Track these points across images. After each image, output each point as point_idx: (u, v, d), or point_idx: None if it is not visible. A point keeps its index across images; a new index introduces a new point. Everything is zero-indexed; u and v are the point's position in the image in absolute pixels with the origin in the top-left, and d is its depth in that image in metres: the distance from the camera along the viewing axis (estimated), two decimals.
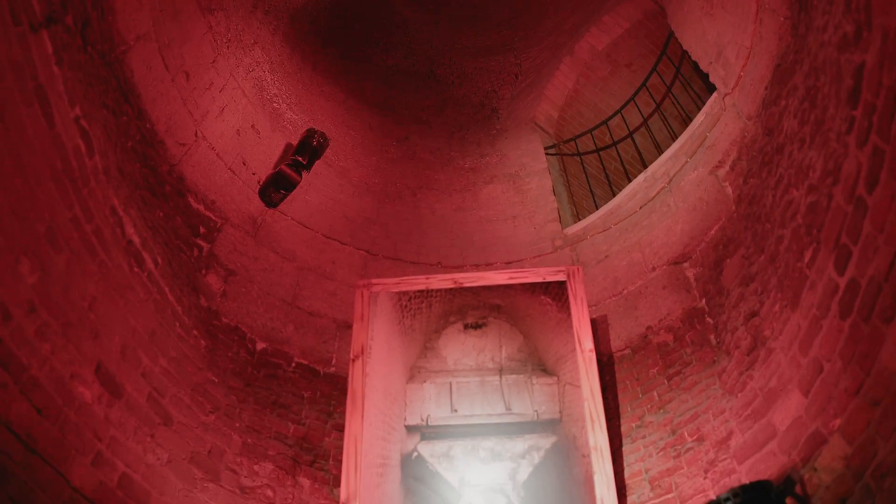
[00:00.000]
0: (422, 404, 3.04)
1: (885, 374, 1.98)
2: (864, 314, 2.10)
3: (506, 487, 2.81)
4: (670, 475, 2.84)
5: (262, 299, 3.74)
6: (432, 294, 3.37)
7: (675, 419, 3.03)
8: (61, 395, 2.26)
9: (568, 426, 2.93)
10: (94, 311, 2.50)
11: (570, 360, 3.07)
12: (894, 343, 1.94)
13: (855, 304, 2.15)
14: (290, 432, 3.23)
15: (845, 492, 2.14)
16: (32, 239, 2.24)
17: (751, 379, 2.75)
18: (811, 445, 2.33)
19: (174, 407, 2.82)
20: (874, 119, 2.01)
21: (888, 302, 1.98)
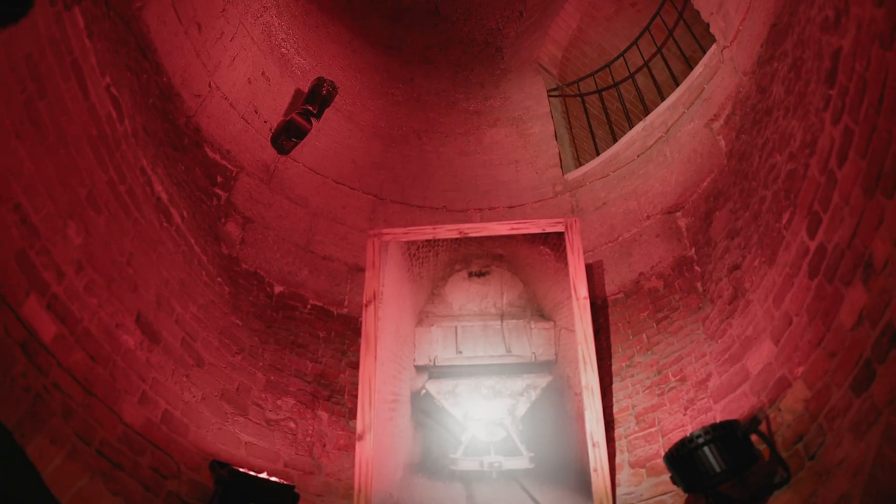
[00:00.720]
0: (429, 346, 3.35)
1: (842, 330, 2.26)
2: (829, 276, 2.36)
3: (505, 421, 3.15)
4: (654, 411, 3.18)
5: (277, 245, 4.01)
6: (439, 243, 3.63)
7: (661, 360, 3.34)
8: (109, 343, 2.56)
9: (562, 367, 3.24)
10: (131, 266, 2.77)
11: (566, 306, 3.36)
12: (851, 304, 2.22)
13: (822, 267, 2.41)
14: (309, 370, 3.56)
15: (802, 430, 2.46)
16: (76, 203, 2.48)
17: (730, 326, 3.04)
18: (777, 389, 2.64)
19: (205, 349, 3.13)
20: (847, 101, 2.21)
21: (848, 267, 2.23)
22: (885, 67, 1.96)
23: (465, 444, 3.12)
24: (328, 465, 3.24)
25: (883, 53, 1.96)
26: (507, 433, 3.11)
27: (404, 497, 3.00)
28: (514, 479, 3.01)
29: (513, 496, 2.96)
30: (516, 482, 3.00)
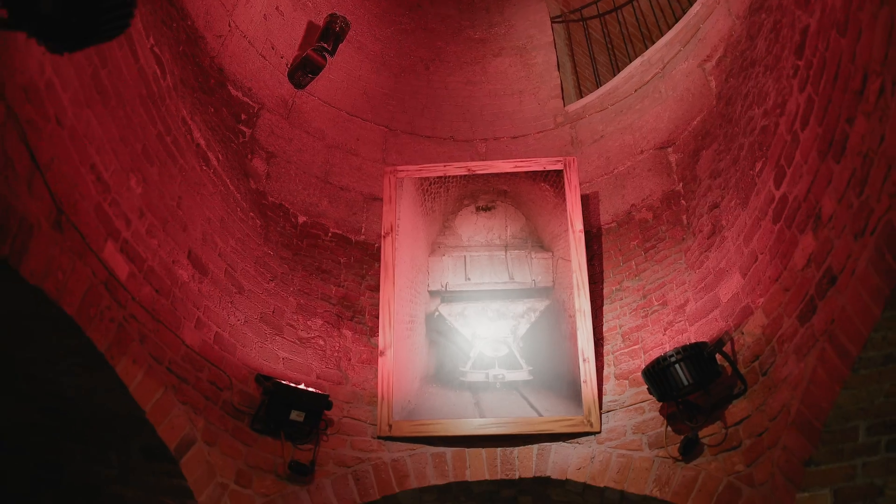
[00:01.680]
0: (441, 274, 3.81)
1: (795, 270, 2.71)
2: (788, 223, 2.78)
3: (508, 339, 3.66)
4: (638, 331, 3.68)
5: (299, 178, 4.40)
6: (449, 180, 4.02)
7: (647, 286, 3.81)
8: (168, 278, 3.01)
9: (559, 292, 3.72)
10: (181, 209, 3.19)
11: (563, 238, 3.79)
12: (802, 248, 2.65)
13: (783, 214, 2.83)
14: (333, 293, 4.04)
15: (759, 351, 2.96)
16: (135, 158, 2.87)
17: (707, 259, 3.49)
18: (742, 316, 3.12)
19: (244, 278, 3.59)
20: (810, 73, 2.56)
21: (803, 217, 2.65)
22: (840, 51, 2.30)
23: (473, 359, 3.64)
24: (354, 376, 3.77)
25: (839, 39, 2.30)
26: (510, 350, 3.63)
27: (420, 404, 3.56)
28: (514, 388, 3.55)
29: (514, 403, 3.51)
30: (517, 391, 3.54)
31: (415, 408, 3.55)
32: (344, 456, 3.46)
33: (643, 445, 3.31)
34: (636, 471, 3.26)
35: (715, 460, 3.06)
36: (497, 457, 3.50)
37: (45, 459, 2.91)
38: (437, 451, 3.52)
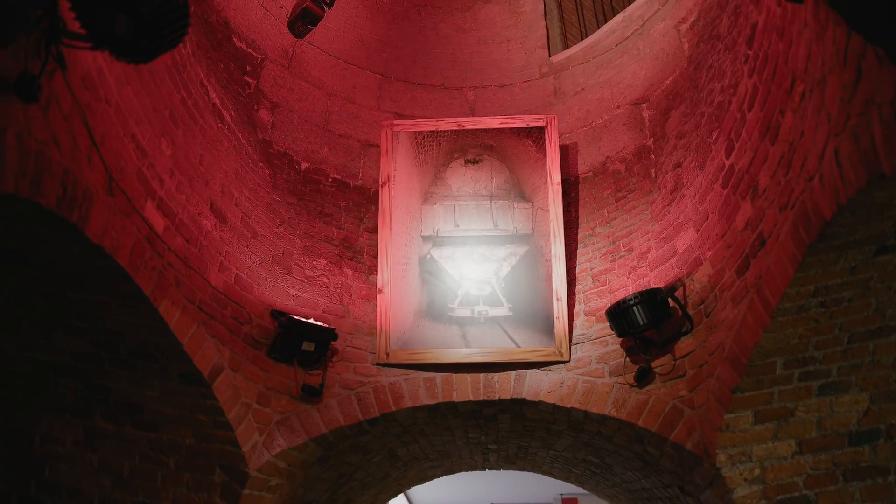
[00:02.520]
0: (433, 220, 4.29)
1: (736, 230, 3.23)
2: (734, 189, 3.28)
3: (491, 280, 4.19)
4: (606, 274, 4.22)
5: (301, 126, 4.79)
6: (441, 134, 4.44)
7: (616, 233, 4.33)
8: (195, 228, 3.48)
9: (537, 239, 4.23)
10: (202, 165, 3.62)
11: (542, 190, 4.26)
12: (743, 213, 3.16)
13: (730, 181, 3.32)
14: (335, 235, 4.52)
15: (705, 296, 3.52)
16: (164, 123, 3.28)
17: (668, 212, 4.00)
18: (693, 265, 3.66)
19: (257, 224, 4.06)
20: (757, 63, 3.00)
21: (744, 187, 3.15)
22: (778, 53, 2.74)
23: (460, 297, 4.18)
24: (355, 310, 4.31)
25: (778, 41, 2.74)
26: (493, 289, 4.17)
27: (414, 335, 4.12)
28: (496, 323, 4.11)
29: (495, 335, 4.08)
30: (498, 325, 4.10)
31: (409, 339, 4.11)
32: (348, 380, 4.04)
33: (605, 373, 3.91)
34: (598, 394, 3.87)
35: (664, 386, 3.68)
36: (480, 381, 4.10)
37: (95, 383, 3.45)
38: (429, 376, 4.11)
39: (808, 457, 3.22)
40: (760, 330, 2.95)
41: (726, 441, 3.27)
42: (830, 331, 2.95)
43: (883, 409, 3.14)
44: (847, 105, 2.10)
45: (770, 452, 3.24)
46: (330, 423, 3.89)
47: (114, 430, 3.54)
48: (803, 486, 3.22)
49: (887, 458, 3.16)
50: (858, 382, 3.11)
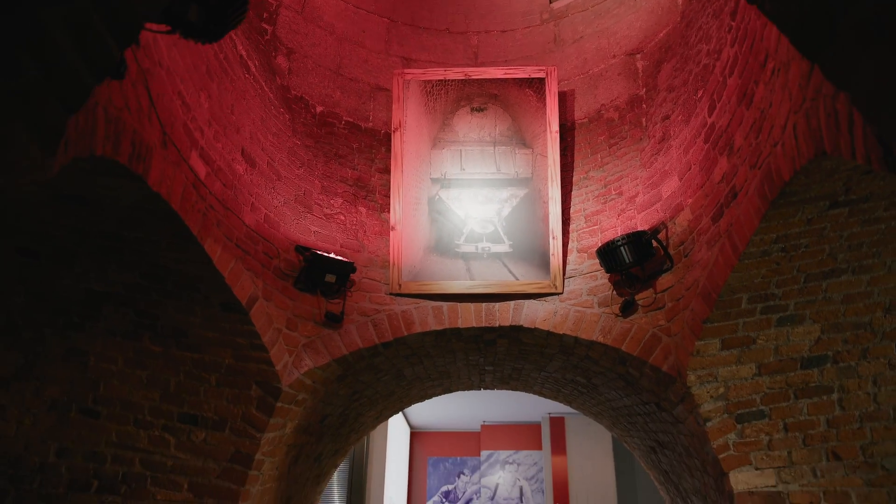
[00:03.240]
0: (441, 164, 4.72)
1: (713, 182, 3.69)
2: (713, 145, 3.72)
3: (494, 219, 4.66)
4: (597, 215, 4.69)
5: (315, 71, 5.13)
6: (448, 83, 4.80)
7: (608, 177, 4.78)
8: (230, 173, 3.90)
9: (536, 182, 4.67)
10: (234, 114, 4.00)
11: (541, 137, 4.68)
12: (720, 167, 3.61)
13: (711, 137, 3.76)
14: (349, 176, 4.94)
15: (684, 238, 4.01)
16: (202, 78, 3.65)
17: (656, 161, 4.44)
18: (675, 210, 4.13)
19: (280, 167, 4.47)
20: (738, 35, 3.39)
21: (722, 144, 3.59)
22: (755, 29, 3.13)
23: (466, 234, 4.66)
24: (369, 245, 4.78)
25: (756, 19, 3.13)
26: (495, 227, 4.64)
27: (423, 268, 4.61)
28: (498, 258, 4.60)
29: (496, 269, 4.58)
30: (499, 260, 4.60)
31: (419, 271, 4.60)
32: (365, 308, 4.55)
33: (594, 304, 4.44)
34: (587, 322, 4.41)
35: (645, 317, 4.21)
36: (482, 310, 4.62)
37: (144, 310, 3.94)
38: (436, 305, 4.63)
39: (765, 378, 3.79)
40: (729, 270, 3.46)
41: (696, 364, 3.83)
42: (789, 272, 3.46)
43: (831, 338, 3.70)
44: (804, 90, 2.54)
45: (733, 374, 3.81)
46: (349, 345, 4.43)
47: (161, 351, 4.05)
48: (760, 403, 3.81)
49: (832, 379, 3.74)
50: (811, 316, 3.65)
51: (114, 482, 4.04)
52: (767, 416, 3.80)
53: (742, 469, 3.79)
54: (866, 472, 3.67)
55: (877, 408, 3.70)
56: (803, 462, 3.75)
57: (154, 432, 4.09)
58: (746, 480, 3.77)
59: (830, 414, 3.74)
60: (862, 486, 3.66)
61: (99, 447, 4.08)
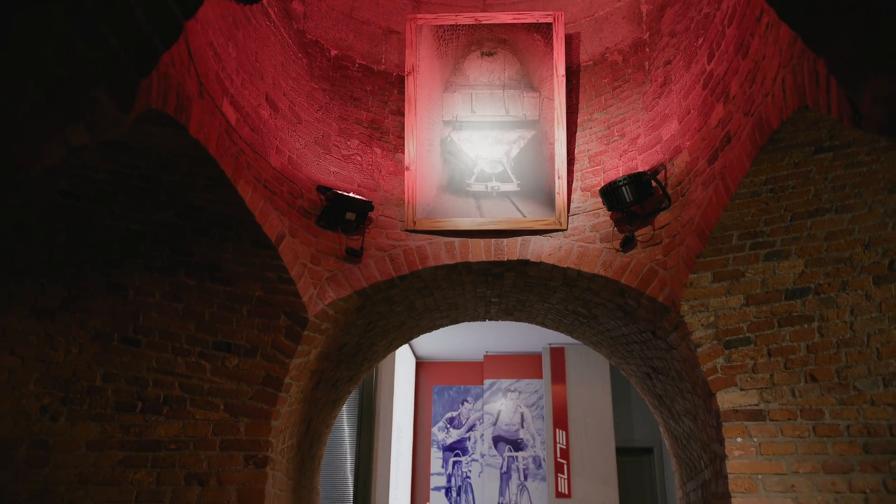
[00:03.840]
0: (453, 107, 4.98)
1: (710, 127, 3.98)
2: (711, 91, 3.99)
3: (503, 160, 4.95)
4: (601, 155, 4.99)
5: (328, 14, 5.32)
6: (459, 28, 5.02)
7: (611, 119, 5.05)
8: (257, 118, 4.18)
9: (543, 125, 4.95)
10: (258, 62, 4.25)
11: (548, 80, 4.92)
12: (716, 113, 3.90)
13: (709, 84, 4.03)
14: (364, 118, 5.21)
15: (682, 179, 4.32)
16: (230, 29, 3.89)
17: (657, 104, 4.71)
18: (674, 152, 4.43)
19: (300, 111, 4.74)
20: None
21: (719, 91, 3.87)
22: None
23: (476, 174, 4.96)
24: (384, 184, 5.10)
25: None
26: (504, 168, 4.94)
27: (436, 206, 4.93)
28: (506, 197, 4.92)
29: (505, 207, 4.90)
30: (508, 199, 4.92)
31: (432, 209, 4.93)
32: (382, 244, 4.90)
33: (596, 240, 4.79)
34: (590, 257, 4.77)
35: (643, 252, 4.57)
36: (491, 245, 4.97)
37: (180, 247, 4.28)
38: (448, 241, 4.97)
39: (752, 308, 4.18)
40: (722, 209, 3.79)
41: (689, 295, 4.21)
42: (777, 211, 3.79)
43: (814, 272, 4.06)
44: (791, 47, 2.82)
45: (723, 304, 4.19)
46: (368, 278, 4.80)
47: (195, 284, 4.42)
48: (746, 330, 4.21)
49: (813, 309, 4.12)
50: (796, 251, 4.00)
51: (156, 403, 4.48)
52: (753, 342, 4.20)
53: (728, 390, 4.22)
54: (839, 392, 4.10)
55: (852, 335, 4.10)
56: (783, 383, 4.17)
57: (191, 359, 4.50)
58: (732, 400, 4.20)
59: (810, 340, 4.14)
60: (835, 405, 4.10)
61: (141, 372, 4.49)
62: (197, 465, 4.36)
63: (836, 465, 4.00)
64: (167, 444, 4.41)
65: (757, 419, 4.14)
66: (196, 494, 4.30)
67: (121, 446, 4.40)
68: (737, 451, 4.09)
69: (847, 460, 4.00)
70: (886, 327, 4.07)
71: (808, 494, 3.95)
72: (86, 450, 4.39)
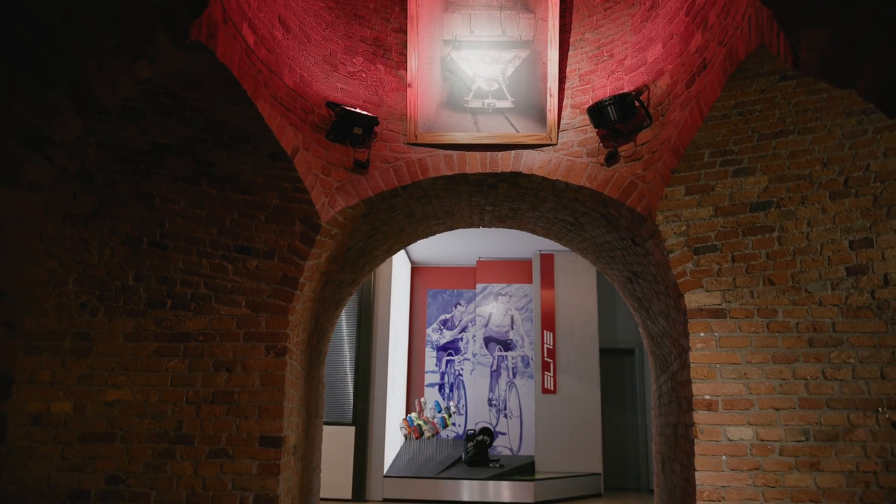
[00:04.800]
0: (452, 27, 5.31)
1: (689, 52, 4.39)
2: (692, 20, 4.37)
3: (498, 78, 5.34)
4: (590, 74, 5.38)
5: None
6: None
7: (601, 40, 5.41)
8: (272, 39, 4.54)
9: (537, 45, 5.31)
10: None
11: (543, 2, 5.25)
12: (695, 40, 4.30)
13: (691, 12, 4.40)
14: (367, 35, 5.54)
15: (663, 100, 4.76)
16: None
17: (644, 27, 5.07)
18: (657, 74, 4.85)
19: (310, 30, 5.08)
20: None
21: (699, 20, 4.25)
22: None
23: (473, 91, 5.36)
24: (388, 100, 5.50)
25: None
26: (500, 86, 5.34)
27: (436, 122, 5.36)
28: (501, 113, 5.34)
29: (500, 123, 5.34)
30: (503, 115, 5.34)
31: (433, 124, 5.36)
32: (386, 156, 5.36)
33: (583, 154, 5.26)
34: (577, 170, 5.25)
35: (625, 166, 5.06)
36: (487, 158, 5.44)
37: (203, 159, 4.73)
38: (447, 153, 5.43)
39: (719, 219, 4.71)
40: (695, 129, 4.26)
41: (664, 206, 4.73)
42: (745, 132, 4.26)
43: (777, 187, 4.57)
44: None
45: (694, 215, 4.72)
46: (374, 188, 5.28)
47: (217, 193, 4.90)
48: (714, 239, 4.76)
49: (774, 220, 4.66)
50: (761, 168, 4.50)
51: (184, 300, 5.04)
52: (719, 249, 4.76)
53: (695, 291, 4.81)
54: (792, 294, 4.70)
55: (808, 244, 4.66)
56: (744, 286, 4.76)
57: (214, 261, 5.03)
58: (698, 300, 4.80)
59: (770, 248, 4.70)
60: (787, 305, 4.70)
61: (169, 273, 5.04)
62: (224, 354, 4.98)
63: (784, 356, 4.64)
64: (196, 336, 5.00)
65: (719, 317, 4.75)
66: (224, 379, 4.94)
67: (154, 338, 5.00)
68: (699, 344, 4.72)
69: (793, 352, 4.64)
70: (838, 238, 4.62)
71: (758, 381, 4.61)
72: (124, 341, 4.99)
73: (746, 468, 4.50)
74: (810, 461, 4.47)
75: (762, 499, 4.44)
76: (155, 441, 4.83)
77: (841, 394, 4.55)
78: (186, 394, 4.90)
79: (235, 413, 4.86)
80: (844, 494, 4.39)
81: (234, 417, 4.85)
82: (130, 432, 4.84)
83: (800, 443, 4.50)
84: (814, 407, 4.54)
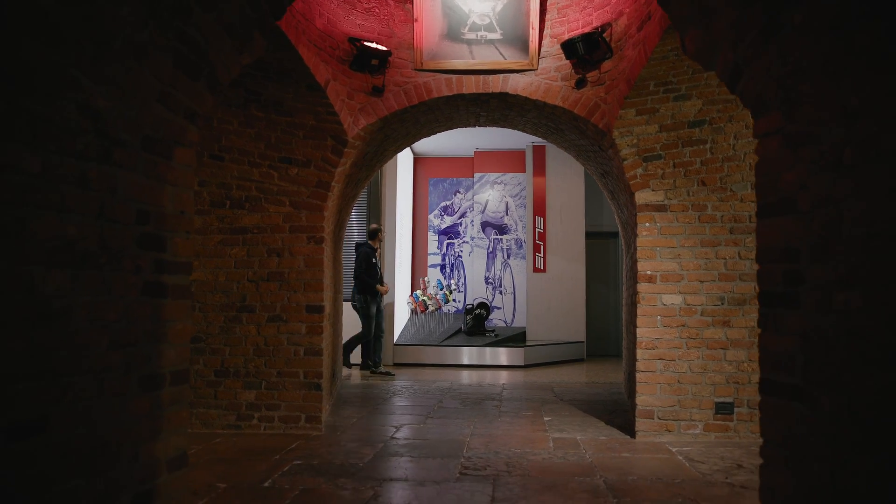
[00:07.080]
0: None
1: (641, 2, 5.61)
2: None
3: (490, 14, 6.51)
4: (566, 9, 6.52)
5: None
6: None
7: None
8: None
9: None
10: None
11: None
12: None
13: None
14: None
15: (621, 36, 6.00)
16: None
17: None
18: (618, 14, 6.05)
19: None
20: None
21: None
22: None
23: (469, 25, 6.56)
24: (398, 32, 6.69)
25: None
26: (491, 20, 6.54)
27: (439, 51, 6.59)
28: (492, 44, 6.57)
29: (492, 52, 6.56)
30: (493, 45, 6.57)
31: (435, 53, 6.60)
32: (398, 80, 6.64)
33: (559, 79, 6.54)
34: (553, 92, 6.55)
35: (591, 90, 6.36)
36: (480, 80, 6.71)
37: (252, 89, 6.02)
38: (448, 77, 6.70)
39: (664, 134, 6.08)
40: (641, 67, 5.55)
41: (619, 124, 6.08)
42: (682, 68, 5.56)
43: (709, 108, 5.91)
44: None
45: (643, 131, 6.08)
46: (389, 108, 6.60)
47: (263, 116, 6.23)
48: (659, 149, 6.14)
49: (707, 135, 6.02)
50: (696, 94, 5.82)
51: (240, 201, 6.48)
52: (663, 157, 6.16)
53: (644, 191, 6.24)
54: (720, 193, 6.14)
55: (734, 153, 6.05)
56: (682, 186, 6.19)
57: (262, 169, 6.43)
58: (645, 198, 6.24)
59: (703, 157, 6.09)
60: (715, 201, 6.15)
61: (226, 179, 6.44)
62: (274, 242, 6.47)
63: (710, 241, 6.14)
64: (251, 229, 6.48)
65: (661, 210, 6.21)
66: (275, 262, 6.46)
67: (218, 231, 6.48)
68: (644, 232, 6.21)
69: (717, 238, 6.13)
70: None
71: (688, 260, 6.14)
72: (194, 234, 6.48)
73: (675, 325, 6.10)
74: (723, 320, 6.07)
75: (685, 347, 6.08)
76: (225, 310, 6.41)
77: (751, 270, 6.08)
78: (247, 274, 6.44)
79: (286, 288, 6.41)
80: (745, 343, 6.03)
81: (285, 291, 6.41)
82: (206, 304, 6.41)
83: (716, 306, 6.08)
84: (729, 280, 6.09)
